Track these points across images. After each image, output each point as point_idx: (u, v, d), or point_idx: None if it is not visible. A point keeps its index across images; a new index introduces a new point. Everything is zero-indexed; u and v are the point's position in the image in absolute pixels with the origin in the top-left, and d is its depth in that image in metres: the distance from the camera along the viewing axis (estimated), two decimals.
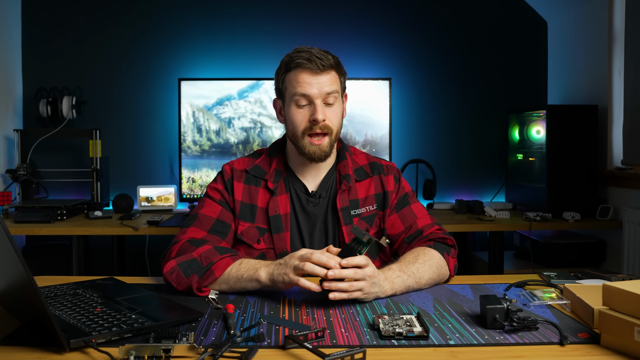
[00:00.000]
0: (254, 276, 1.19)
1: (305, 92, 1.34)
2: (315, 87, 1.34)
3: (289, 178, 1.45)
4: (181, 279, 1.21)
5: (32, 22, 3.17)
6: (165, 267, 1.25)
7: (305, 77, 1.34)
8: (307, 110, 1.36)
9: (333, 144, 1.40)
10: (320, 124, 1.35)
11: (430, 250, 1.34)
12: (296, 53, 1.36)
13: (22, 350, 0.88)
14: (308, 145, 1.37)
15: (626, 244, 2.51)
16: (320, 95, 1.35)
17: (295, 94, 1.35)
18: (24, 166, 2.83)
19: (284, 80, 1.39)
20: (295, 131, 1.38)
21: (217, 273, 1.20)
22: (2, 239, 0.85)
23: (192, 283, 1.20)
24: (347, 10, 3.26)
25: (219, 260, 1.22)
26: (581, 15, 3.03)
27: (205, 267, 1.21)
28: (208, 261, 1.22)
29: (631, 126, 2.58)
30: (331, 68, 1.36)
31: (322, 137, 1.37)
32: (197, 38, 3.21)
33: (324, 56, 1.35)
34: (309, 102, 1.36)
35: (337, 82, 1.39)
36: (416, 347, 0.91)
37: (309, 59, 1.33)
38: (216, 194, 1.43)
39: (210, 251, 1.25)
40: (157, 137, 3.20)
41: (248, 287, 1.21)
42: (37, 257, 2.97)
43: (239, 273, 1.20)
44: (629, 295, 0.86)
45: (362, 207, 1.44)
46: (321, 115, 1.34)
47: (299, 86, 1.35)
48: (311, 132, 1.36)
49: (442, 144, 3.31)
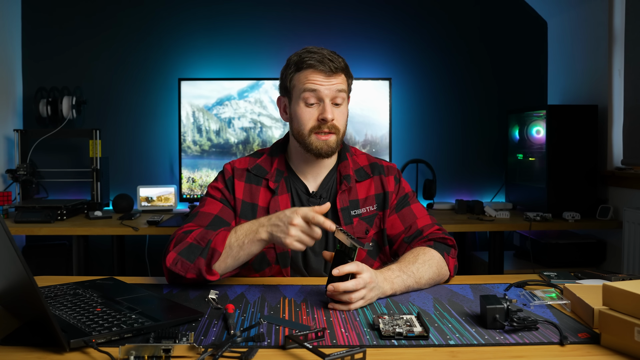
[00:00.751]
0: (256, 237, 1.20)
1: (317, 92, 1.36)
2: (327, 88, 1.36)
3: (290, 178, 1.45)
4: (187, 266, 1.22)
5: (32, 22, 3.17)
6: (166, 260, 1.25)
7: (316, 78, 1.36)
8: (316, 109, 1.38)
9: (340, 142, 1.42)
10: (328, 124, 1.37)
11: (430, 250, 1.34)
12: (307, 53, 1.37)
13: (22, 350, 0.88)
14: (315, 141, 1.38)
15: (626, 244, 2.51)
16: (331, 95, 1.37)
17: (305, 91, 1.37)
18: (24, 166, 2.83)
19: (292, 79, 1.40)
20: (301, 129, 1.39)
21: (219, 248, 1.21)
22: (2, 239, 0.85)
23: (200, 266, 1.21)
24: (347, 10, 3.26)
25: (215, 236, 1.23)
26: (581, 15, 3.03)
27: (205, 246, 1.22)
28: (205, 241, 1.23)
29: (631, 126, 2.58)
30: (341, 71, 1.39)
31: (329, 134, 1.38)
32: (197, 38, 3.21)
33: (335, 59, 1.37)
34: (318, 101, 1.37)
35: (346, 84, 1.42)
36: (416, 347, 0.91)
37: (321, 60, 1.35)
38: (217, 193, 1.44)
39: (202, 232, 1.27)
40: (157, 137, 3.20)
41: (253, 251, 1.22)
42: (37, 257, 2.97)
43: (239, 240, 1.21)
44: (629, 295, 0.86)
45: (363, 207, 1.44)
46: (330, 115, 1.36)
47: (310, 85, 1.36)
48: (319, 130, 1.37)
49: (442, 144, 3.31)
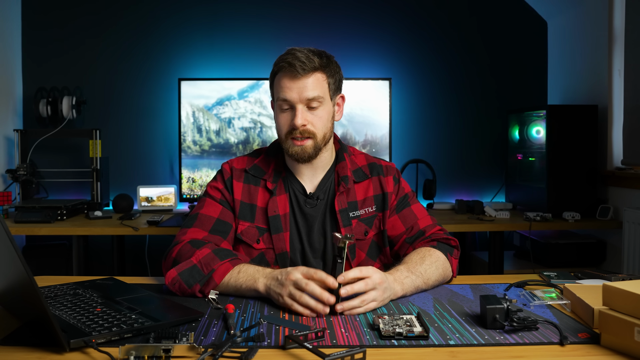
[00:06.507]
0: (253, 287, 1.18)
1: (286, 97, 1.33)
2: (295, 92, 1.32)
3: (287, 178, 1.44)
4: (184, 289, 1.22)
5: (32, 23, 3.16)
6: (166, 277, 1.25)
7: (286, 82, 1.33)
8: (289, 114, 1.36)
9: (319, 146, 1.37)
10: (299, 129, 1.33)
11: (435, 251, 1.34)
12: (283, 56, 1.35)
13: (22, 350, 0.88)
14: (291, 147, 1.36)
15: (626, 244, 2.51)
16: (301, 100, 1.33)
17: (278, 98, 1.36)
18: (24, 166, 2.83)
19: (273, 84, 1.40)
20: (280, 134, 1.39)
21: (217, 279, 1.20)
22: (2, 239, 0.85)
23: (195, 292, 1.21)
24: (347, 10, 3.25)
25: (218, 267, 1.22)
26: (581, 15, 3.03)
27: (207, 275, 1.21)
28: (209, 268, 1.22)
29: (631, 126, 2.58)
30: (314, 70, 1.33)
31: (305, 139, 1.35)
32: (197, 38, 3.21)
33: (307, 58, 1.31)
34: (290, 106, 1.35)
35: (322, 85, 1.35)
36: (416, 347, 0.91)
37: (291, 62, 1.31)
38: (217, 193, 1.43)
39: (209, 256, 1.24)
40: (157, 137, 3.20)
41: (247, 295, 1.21)
42: (37, 257, 2.97)
43: (238, 282, 1.20)
44: (629, 295, 0.86)
45: (361, 208, 1.43)
46: (300, 121, 1.32)
47: (281, 91, 1.34)
48: (293, 136, 1.35)
49: (442, 144, 3.31)
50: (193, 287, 1.21)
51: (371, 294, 1.09)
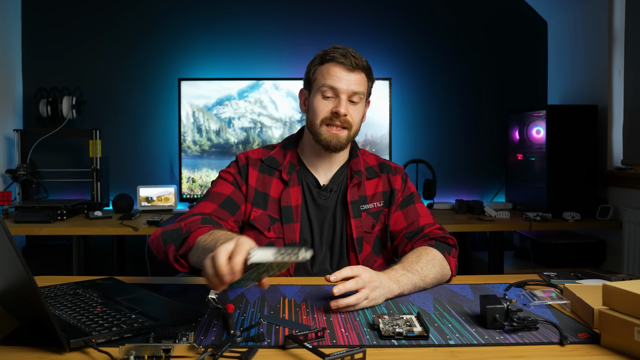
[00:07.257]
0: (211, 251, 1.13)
1: (334, 85, 1.38)
2: (345, 83, 1.38)
3: (301, 171, 1.48)
4: (160, 247, 1.23)
5: (32, 23, 3.16)
6: (151, 235, 1.27)
7: (337, 71, 1.38)
8: (332, 102, 1.40)
9: (350, 139, 1.43)
10: (341, 118, 1.38)
11: (432, 249, 1.35)
12: (332, 48, 1.41)
13: (22, 350, 0.88)
14: (325, 133, 1.39)
15: (626, 244, 2.51)
16: (347, 92, 1.38)
17: (324, 84, 1.39)
18: (24, 166, 2.83)
19: (315, 72, 1.43)
20: (314, 119, 1.41)
21: (190, 242, 1.19)
22: (2, 239, 0.85)
23: (168, 252, 1.21)
24: (347, 10, 3.25)
25: (197, 229, 1.21)
26: (581, 15, 3.03)
27: (183, 235, 1.21)
28: (187, 230, 1.22)
29: (631, 126, 2.58)
30: (362, 69, 1.40)
31: (342, 129, 1.40)
32: (197, 38, 3.21)
33: (358, 57, 1.40)
34: (334, 95, 1.39)
35: (365, 84, 1.42)
36: (416, 347, 0.91)
37: (344, 54, 1.38)
38: (229, 176, 1.46)
39: (196, 221, 1.25)
40: (157, 137, 3.20)
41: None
42: (37, 257, 2.97)
43: (205, 244, 1.14)
44: (629, 295, 0.86)
45: (370, 203, 1.47)
46: (344, 110, 1.38)
47: (329, 78, 1.38)
48: (330, 122, 1.39)
49: (442, 144, 3.31)
50: (167, 246, 1.21)
51: (363, 291, 1.10)
